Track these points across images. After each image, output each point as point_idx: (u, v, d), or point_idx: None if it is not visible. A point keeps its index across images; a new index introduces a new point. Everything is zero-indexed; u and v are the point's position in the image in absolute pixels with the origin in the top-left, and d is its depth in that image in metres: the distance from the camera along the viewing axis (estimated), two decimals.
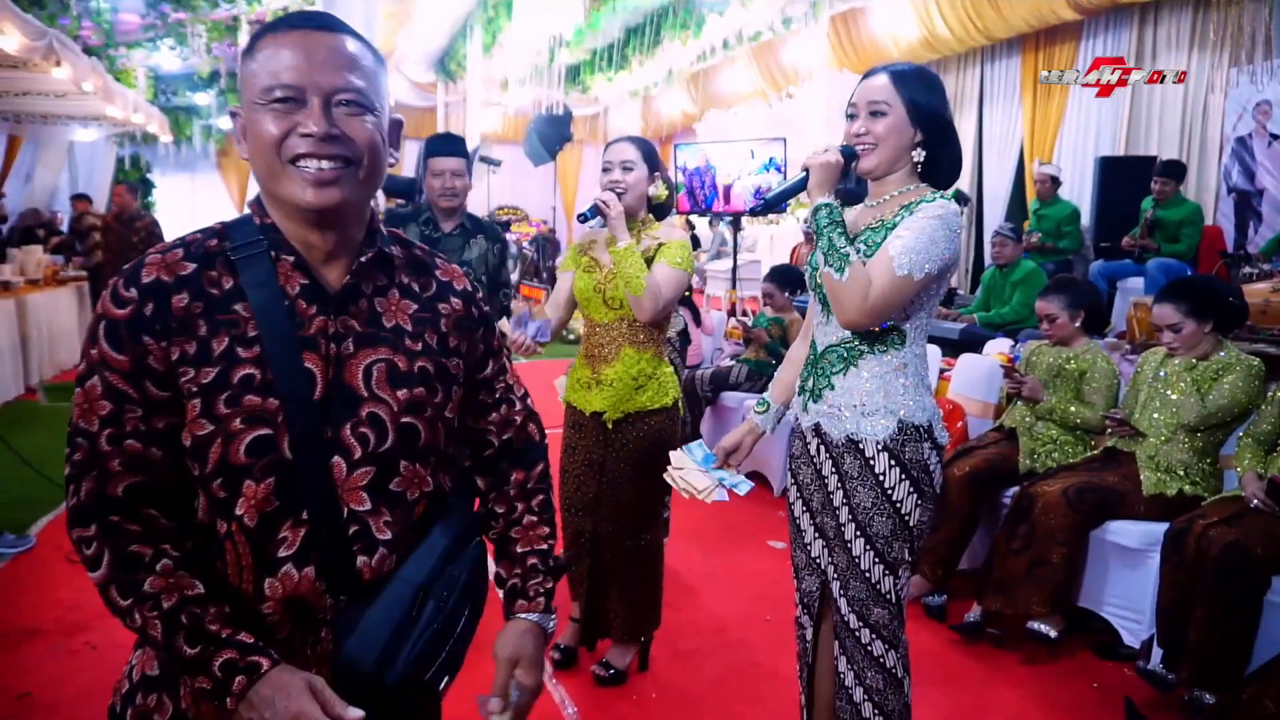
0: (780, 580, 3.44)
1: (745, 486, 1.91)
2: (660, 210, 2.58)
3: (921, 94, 1.71)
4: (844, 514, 1.76)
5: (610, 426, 2.48)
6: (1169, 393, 2.76)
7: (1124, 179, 6.56)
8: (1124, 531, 2.70)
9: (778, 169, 7.67)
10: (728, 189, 7.92)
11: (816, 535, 1.87)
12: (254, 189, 1.64)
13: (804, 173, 1.78)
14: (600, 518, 2.53)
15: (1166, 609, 2.45)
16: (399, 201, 6.11)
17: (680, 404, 2.61)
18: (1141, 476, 2.73)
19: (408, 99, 15.20)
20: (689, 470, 1.94)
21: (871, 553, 1.74)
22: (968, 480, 3.05)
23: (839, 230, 1.70)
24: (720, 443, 1.97)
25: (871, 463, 1.72)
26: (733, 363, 5.09)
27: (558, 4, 9.50)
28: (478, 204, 13.28)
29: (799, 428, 1.89)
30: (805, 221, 8.90)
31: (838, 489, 1.77)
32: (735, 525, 4.08)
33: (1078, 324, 3.13)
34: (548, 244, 14.33)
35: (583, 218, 2.42)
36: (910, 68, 1.75)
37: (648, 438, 2.48)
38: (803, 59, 10.99)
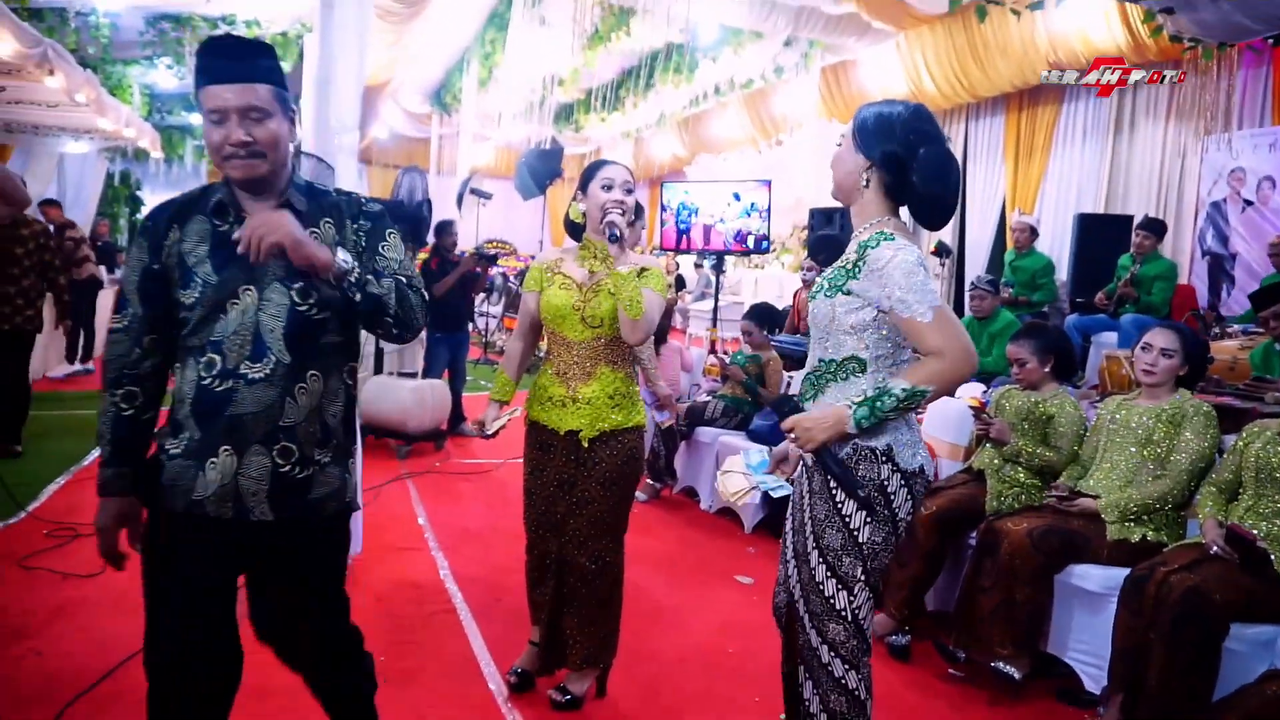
0: (746, 614, 3.41)
1: (782, 490, 2.01)
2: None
3: (869, 131, 1.81)
4: (808, 528, 1.84)
5: (585, 445, 2.47)
6: (1137, 455, 2.78)
7: (1102, 236, 6.69)
8: (1087, 575, 2.71)
9: (761, 215, 7.79)
10: (708, 229, 8.04)
11: (791, 554, 1.94)
12: None
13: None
14: (566, 539, 2.51)
15: (1121, 653, 2.45)
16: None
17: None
18: (1106, 522, 2.75)
19: (403, 129, 15.34)
20: (732, 474, 2.06)
21: (824, 566, 1.80)
22: (934, 520, 3.05)
23: (887, 402, 1.72)
24: (773, 451, 2.09)
25: (828, 478, 1.79)
26: (709, 398, 5.09)
27: (554, 43, 9.66)
28: (466, 236, 13.35)
29: None
30: (805, 269, 9.01)
31: (808, 506, 1.85)
32: (705, 559, 4.05)
33: (1047, 369, 3.17)
34: None
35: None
36: (874, 114, 1.82)
37: (620, 456, 2.48)
38: (793, 108, 11.21)
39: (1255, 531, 2.39)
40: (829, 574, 1.79)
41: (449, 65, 12.31)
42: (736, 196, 8.18)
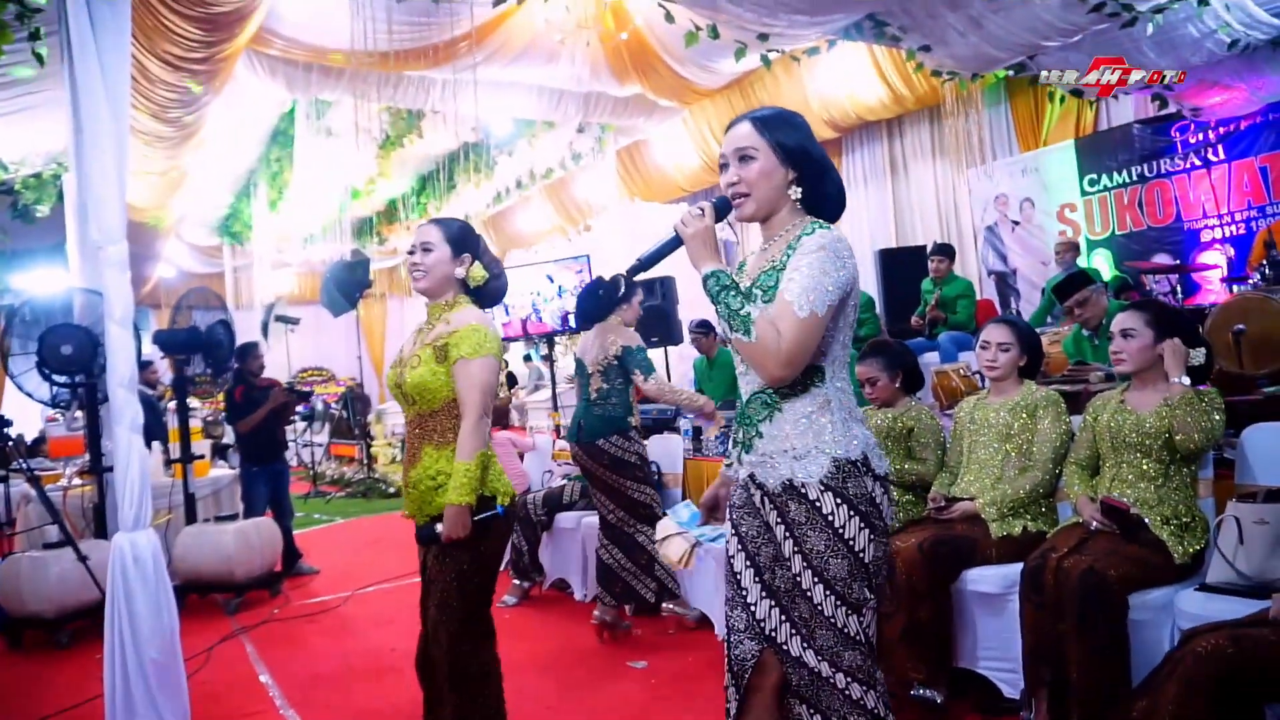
0: (649, 700, 3.14)
1: (724, 540, 1.82)
2: (483, 295, 2.39)
3: (786, 134, 1.72)
4: (798, 563, 1.67)
5: (420, 532, 2.26)
6: (1001, 451, 2.82)
7: (901, 267, 7.14)
8: (981, 578, 2.66)
9: (573, 291, 7.90)
10: (524, 321, 8.12)
11: (764, 594, 1.72)
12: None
13: (674, 234, 1.71)
14: (430, 636, 2.26)
15: (1033, 650, 2.40)
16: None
17: (498, 500, 2.25)
18: (986, 521, 2.74)
19: (191, 265, 14.33)
20: (669, 541, 1.90)
21: (833, 597, 1.65)
22: None
23: (733, 294, 1.64)
24: (700, 501, 1.94)
25: (818, 504, 1.65)
26: (565, 481, 4.86)
27: (345, 154, 9.39)
28: (277, 368, 12.51)
29: (737, 478, 1.82)
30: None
31: (786, 538, 1.68)
32: (591, 651, 3.75)
33: (897, 384, 3.20)
34: (357, 400, 13.62)
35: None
36: (771, 111, 1.76)
37: (453, 542, 2.18)
38: (595, 192, 11.45)
39: (1125, 499, 2.44)
40: (839, 603, 1.64)
41: (234, 191, 11.70)
42: (550, 279, 8.24)
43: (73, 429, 5.62)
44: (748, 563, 1.75)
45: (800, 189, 1.72)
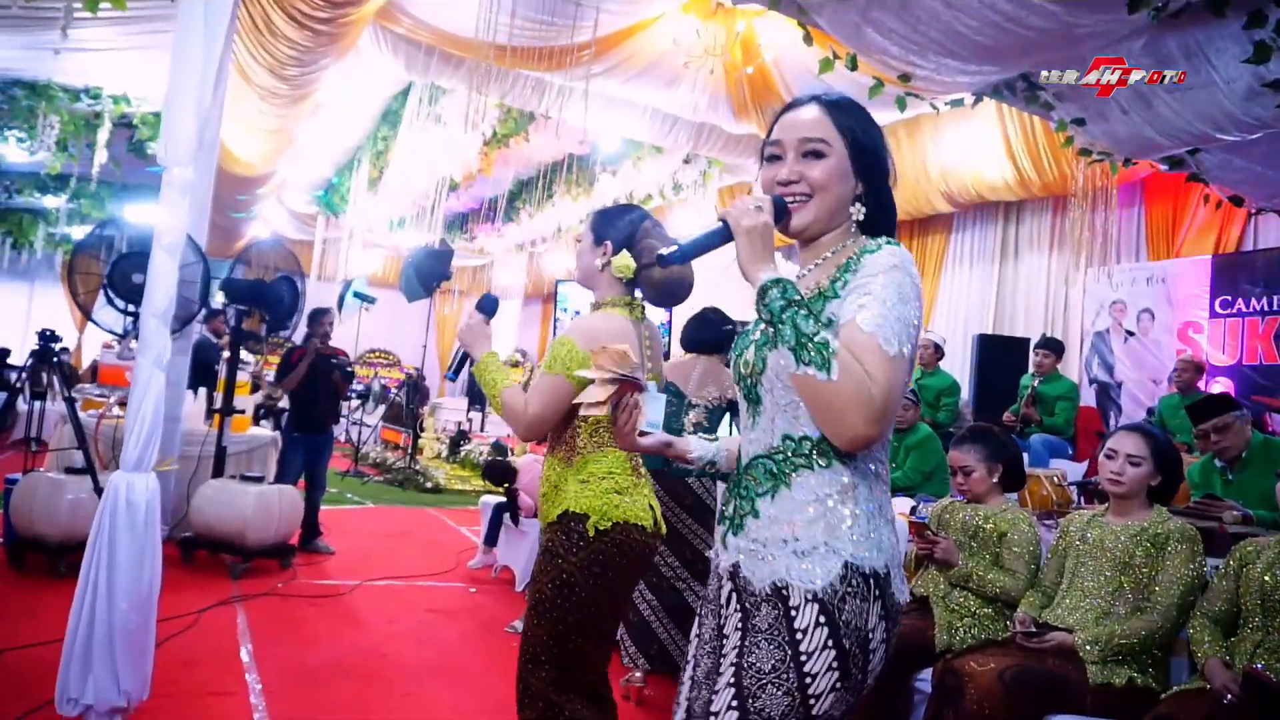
0: None
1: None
2: (647, 291, 2.07)
3: (864, 131, 1.35)
4: (726, 677, 1.25)
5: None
6: (1114, 581, 2.38)
7: (1000, 357, 6.66)
8: None
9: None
10: None
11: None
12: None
13: (721, 223, 1.31)
14: None
15: None
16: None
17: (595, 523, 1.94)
18: (1084, 661, 2.30)
19: (286, 229, 14.59)
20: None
21: None
22: None
23: (804, 313, 1.19)
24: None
25: (792, 615, 1.22)
26: None
27: (450, 144, 9.36)
28: (346, 342, 12.52)
29: (717, 567, 1.40)
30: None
31: (735, 648, 1.27)
32: None
33: (995, 479, 2.78)
34: (415, 389, 13.57)
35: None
36: (843, 97, 1.39)
37: (542, 550, 2.00)
38: (690, 226, 11.21)
39: (1271, 674, 1.99)
40: None
41: (338, 163, 11.84)
42: None
43: (123, 358, 5.56)
44: (690, 675, 1.40)
45: (865, 208, 1.36)
